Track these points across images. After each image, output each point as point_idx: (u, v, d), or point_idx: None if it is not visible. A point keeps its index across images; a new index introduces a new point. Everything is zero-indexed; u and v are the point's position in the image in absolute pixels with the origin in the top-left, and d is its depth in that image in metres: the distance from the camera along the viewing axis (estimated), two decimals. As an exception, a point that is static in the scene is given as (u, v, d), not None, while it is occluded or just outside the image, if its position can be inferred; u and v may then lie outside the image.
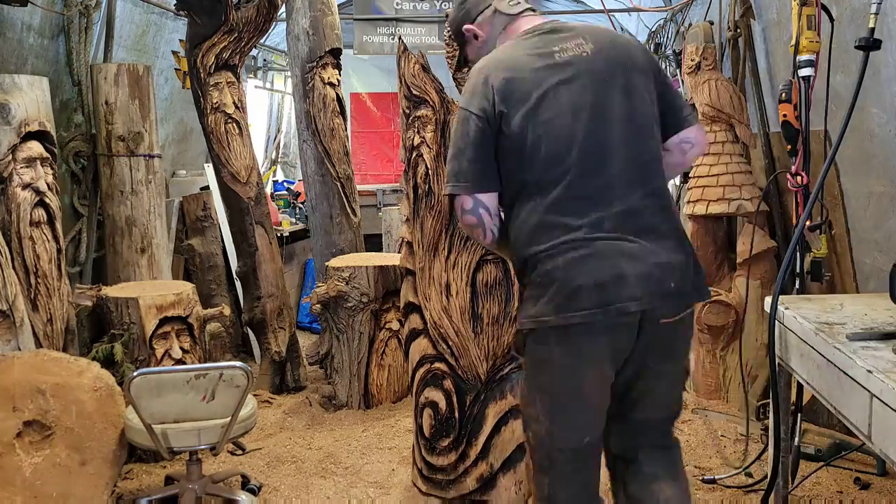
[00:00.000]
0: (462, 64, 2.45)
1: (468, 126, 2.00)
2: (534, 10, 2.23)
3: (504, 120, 1.97)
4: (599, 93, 1.97)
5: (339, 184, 4.75)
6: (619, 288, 1.87)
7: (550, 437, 2.02)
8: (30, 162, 3.29)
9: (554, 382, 1.99)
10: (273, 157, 8.37)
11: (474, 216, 2.03)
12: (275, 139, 8.42)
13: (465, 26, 2.25)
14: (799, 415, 2.87)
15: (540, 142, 1.95)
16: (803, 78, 2.91)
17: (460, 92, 3.00)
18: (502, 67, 2.02)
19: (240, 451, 3.62)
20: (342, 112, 4.82)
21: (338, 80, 4.81)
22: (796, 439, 2.86)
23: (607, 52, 2.02)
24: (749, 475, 3.21)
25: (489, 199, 2.02)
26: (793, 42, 2.93)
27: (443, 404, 2.95)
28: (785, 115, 3.02)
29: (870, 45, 2.44)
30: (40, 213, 3.33)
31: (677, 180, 5.83)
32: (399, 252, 3.33)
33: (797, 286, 3.01)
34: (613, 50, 2.03)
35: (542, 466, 2.06)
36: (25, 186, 3.27)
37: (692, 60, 4.29)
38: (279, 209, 6.58)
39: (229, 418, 2.75)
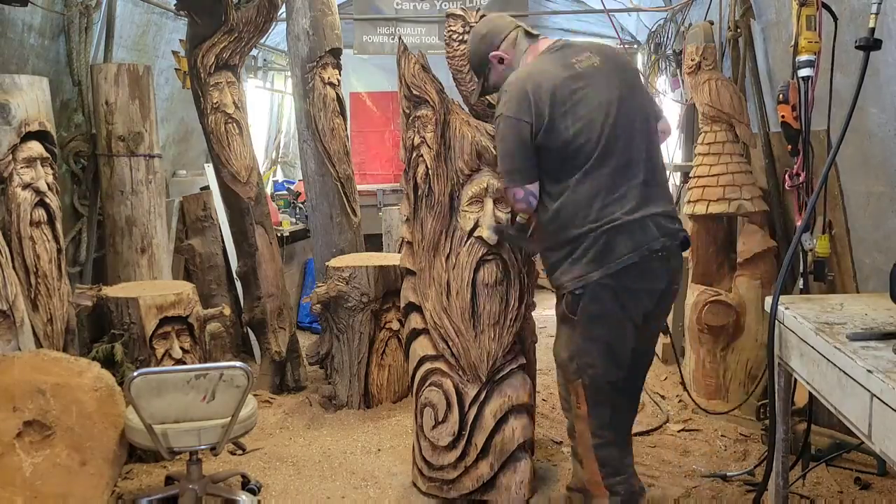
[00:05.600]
0: (488, 91, 2.83)
1: (517, 130, 2.43)
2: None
3: (548, 122, 2.41)
4: (615, 92, 2.46)
5: (339, 184, 4.75)
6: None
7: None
8: (30, 162, 3.29)
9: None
10: (273, 157, 8.37)
11: (524, 203, 2.51)
12: (275, 139, 8.41)
13: (492, 53, 2.65)
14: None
15: (580, 133, 2.40)
16: (803, 78, 2.90)
17: (461, 94, 3.02)
18: (538, 80, 2.44)
19: (240, 451, 3.62)
20: (342, 112, 4.82)
21: (338, 80, 4.80)
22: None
23: (611, 63, 2.53)
24: (751, 475, 3.21)
25: (534, 188, 2.50)
26: (792, 42, 2.93)
27: (443, 404, 2.95)
28: (783, 117, 3.02)
29: (870, 45, 2.43)
30: (40, 213, 3.33)
31: (677, 180, 5.84)
32: (399, 252, 3.33)
33: (800, 286, 3.01)
34: (613, 61, 2.55)
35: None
36: (25, 186, 3.27)
37: (692, 60, 4.29)
38: (279, 209, 6.57)
39: (229, 418, 2.75)
